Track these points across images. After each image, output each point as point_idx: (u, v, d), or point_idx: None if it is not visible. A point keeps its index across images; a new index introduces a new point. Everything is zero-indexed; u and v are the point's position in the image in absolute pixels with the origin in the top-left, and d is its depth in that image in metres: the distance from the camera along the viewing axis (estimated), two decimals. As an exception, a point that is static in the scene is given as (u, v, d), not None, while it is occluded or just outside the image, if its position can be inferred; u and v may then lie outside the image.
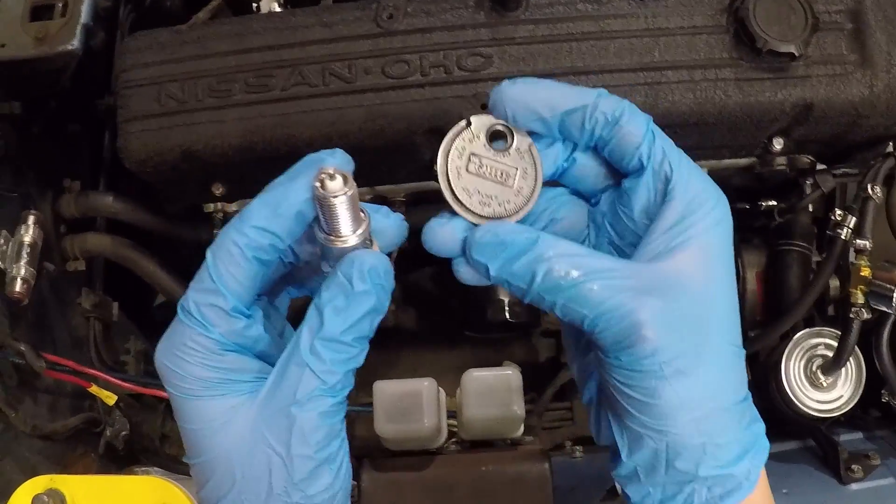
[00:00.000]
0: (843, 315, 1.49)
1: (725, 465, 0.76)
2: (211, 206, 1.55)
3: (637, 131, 0.79)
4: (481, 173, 0.80)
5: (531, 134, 0.81)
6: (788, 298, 1.57)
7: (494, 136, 0.81)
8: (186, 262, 1.73)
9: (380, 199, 1.56)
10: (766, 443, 0.80)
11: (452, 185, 0.79)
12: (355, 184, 0.75)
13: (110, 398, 1.51)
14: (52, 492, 1.26)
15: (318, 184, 0.74)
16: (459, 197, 0.79)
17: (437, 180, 0.80)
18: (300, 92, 1.37)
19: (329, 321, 0.75)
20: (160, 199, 1.58)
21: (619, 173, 0.83)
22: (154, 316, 1.92)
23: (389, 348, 1.68)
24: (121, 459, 1.64)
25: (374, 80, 1.36)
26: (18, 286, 1.44)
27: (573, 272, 0.74)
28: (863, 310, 1.42)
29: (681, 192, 0.77)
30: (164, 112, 1.40)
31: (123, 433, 1.60)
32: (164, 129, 1.39)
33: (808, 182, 1.53)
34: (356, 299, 0.76)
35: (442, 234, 0.80)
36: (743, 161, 1.52)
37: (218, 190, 1.49)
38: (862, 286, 1.42)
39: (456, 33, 1.37)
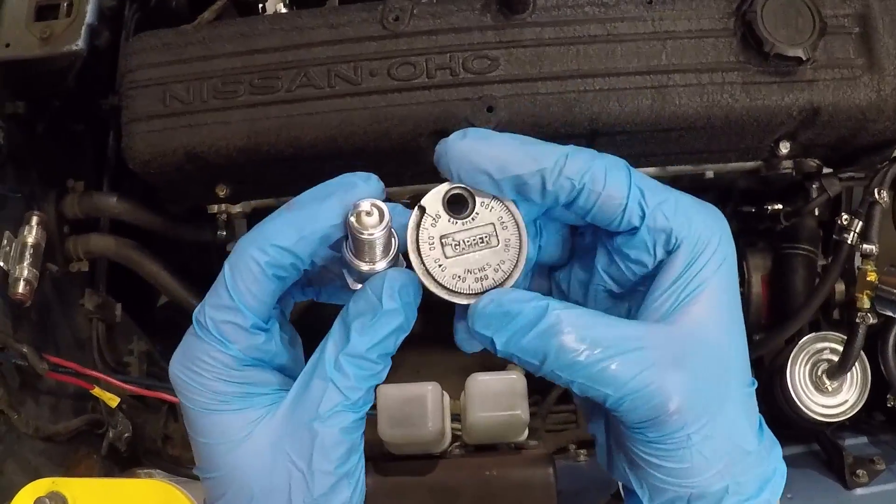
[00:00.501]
0: (848, 319, 1.48)
1: (747, 498, 0.74)
2: (215, 208, 1.55)
3: (618, 192, 0.73)
4: (461, 251, 0.74)
5: None
6: (794, 302, 1.57)
7: (453, 205, 0.75)
8: (189, 263, 1.73)
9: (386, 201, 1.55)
10: (783, 467, 0.78)
11: (440, 280, 0.74)
12: (390, 216, 0.73)
13: (113, 400, 1.51)
14: (53, 495, 1.26)
15: (353, 219, 0.72)
16: (454, 288, 0.74)
17: (422, 283, 0.75)
18: (306, 94, 1.36)
19: (356, 338, 0.74)
20: (163, 200, 1.58)
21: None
22: (157, 317, 1.91)
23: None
24: (123, 461, 1.63)
25: (380, 82, 1.36)
26: (21, 287, 1.43)
27: (590, 350, 0.69)
28: (869, 314, 1.42)
29: (685, 239, 0.73)
30: (169, 113, 1.39)
31: (126, 435, 1.59)
32: (168, 129, 1.39)
33: (814, 186, 1.52)
34: (384, 317, 0.74)
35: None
36: (749, 164, 1.52)
37: (222, 191, 1.48)
38: (868, 291, 1.42)
39: (462, 36, 1.36)
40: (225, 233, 1.58)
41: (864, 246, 1.42)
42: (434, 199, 0.75)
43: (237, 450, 0.76)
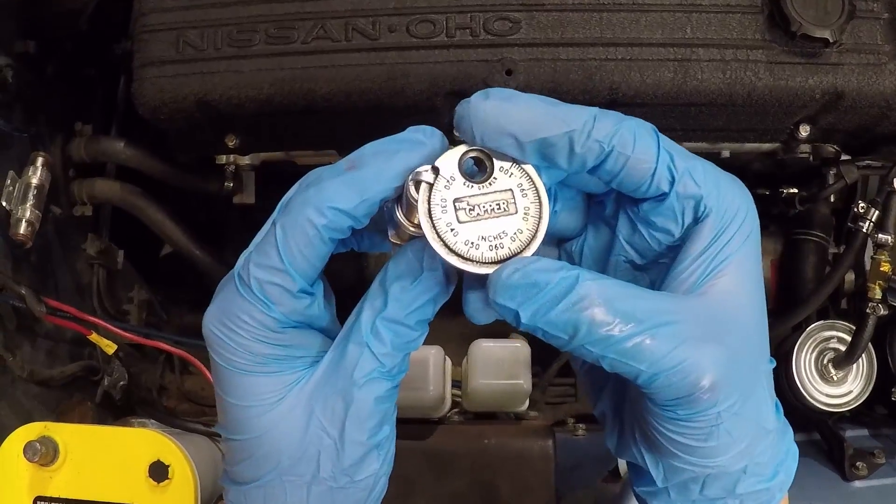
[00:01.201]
0: (858, 309, 1.47)
1: (763, 480, 0.72)
2: (223, 158, 1.54)
3: (647, 155, 0.69)
4: (476, 216, 0.70)
5: None
6: (803, 289, 1.56)
7: (471, 167, 0.72)
8: (195, 213, 1.72)
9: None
10: (795, 449, 0.76)
11: (452, 246, 0.69)
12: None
13: (110, 347, 1.49)
14: (44, 439, 1.25)
15: (411, 185, 0.69)
16: (466, 255, 0.69)
17: (433, 247, 0.70)
18: (322, 46, 1.34)
19: (394, 302, 0.71)
20: (172, 148, 1.56)
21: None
22: (160, 267, 1.90)
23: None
24: (117, 409, 1.62)
25: (398, 38, 1.33)
26: (23, 228, 1.41)
27: (624, 323, 0.65)
28: (880, 305, 1.40)
29: (714, 208, 0.70)
30: (182, 59, 1.37)
31: (121, 383, 1.58)
32: (180, 76, 1.37)
33: (831, 172, 1.51)
34: (424, 282, 0.71)
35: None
36: (766, 146, 1.50)
37: (231, 141, 1.46)
38: (881, 281, 1.40)
39: (485, -5, 1.34)
40: (232, 184, 1.56)
41: (880, 236, 1.40)
42: (450, 160, 0.70)
43: (268, 414, 0.73)
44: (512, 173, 0.71)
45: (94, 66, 1.70)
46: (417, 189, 0.69)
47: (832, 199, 1.59)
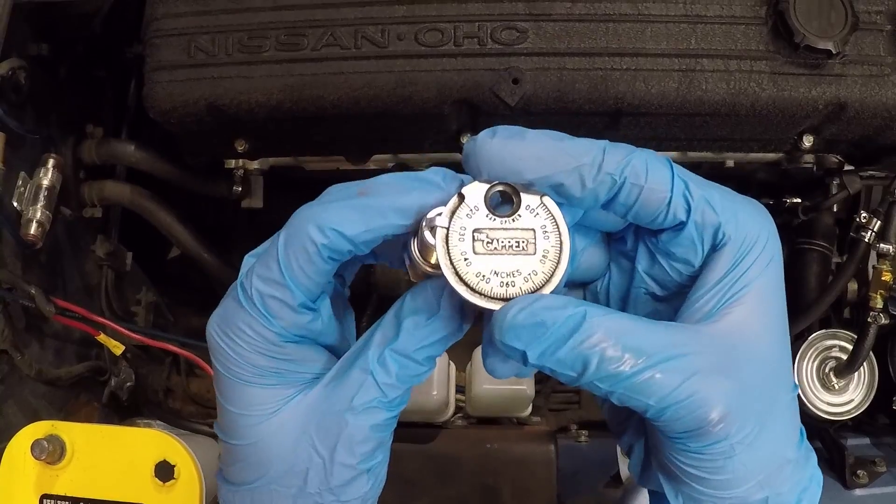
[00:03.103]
0: (859, 319, 1.47)
1: None
2: (232, 163, 1.55)
3: (661, 185, 0.67)
4: (493, 249, 0.68)
5: None
6: (806, 298, 1.57)
7: (497, 200, 0.69)
8: (203, 216, 1.73)
9: (402, 167, 1.55)
10: (819, 475, 0.74)
11: (463, 275, 0.67)
12: None
13: (118, 348, 1.50)
14: (52, 438, 1.26)
15: (427, 230, 0.68)
16: (475, 287, 0.67)
17: (443, 271, 0.68)
18: (331, 53, 1.35)
19: (406, 336, 0.71)
20: (181, 152, 1.57)
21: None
22: (167, 270, 1.91)
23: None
24: (123, 410, 1.64)
25: (407, 46, 1.35)
26: (33, 229, 1.43)
27: (633, 359, 0.64)
28: (881, 315, 1.41)
29: (732, 235, 0.68)
30: (193, 63, 1.38)
31: (128, 384, 1.59)
32: (191, 80, 1.38)
33: (834, 182, 1.52)
34: (439, 321, 0.71)
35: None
36: (770, 156, 1.51)
37: (241, 146, 1.48)
38: (882, 291, 1.41)
39: (492, 5, 1.35)
40: (241, 188, 1.58)
41: (882, 245, 1.41)
42: (476, 190, 0.69)
43: (262, 424, 0.74)
44: (538, 213, 0.69)
45: (106, 68, 1.71)
46: (432, 233, 0.68)
47: (835, 209, 1.60)
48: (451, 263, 0.68)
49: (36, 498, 1.26)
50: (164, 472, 1.25)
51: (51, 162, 1.48)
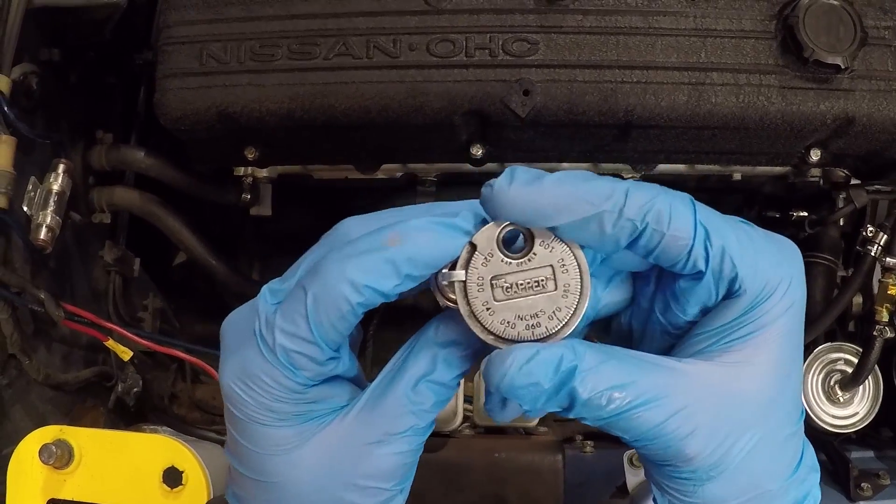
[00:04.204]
0: (865, 332, 1.48)
1: None
2: (241, 170, 1.56)
3: (683, 232, 0.66)
4: (514, 294, 0.68)
5: None
6: (811, 311, 1.56)
7: (509, 240, 0.69)
8: (211, 223, 1.73)
9: (411, 177, 1.56)
10: (817, 493, 0.74)
11: (488, 326, 0.67)
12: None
13: (126, 353, 1.51)
14: (60, 442, 1.26)
15: (446, 287, 0.69)
16: (503, 335, 0.67)
17: (468, 325, 0.68)
18: (343, 63, 1.36)
19: (443, 366, 0.71)
20: (191, 159, 1.58)
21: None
22: (172, 276, 1.91)
23: (408, 327, 1.68)
24: (129, 416, 1.64)
25: (418, 56, 1.35)
26: (43, 234, 1.43)
27: (618, 401, 0.65)
28: (887, 328, 1.41)
29: (750, 286, 0.68)
30: (204, 71, 1.39)
31: (135, 390, 1.59)
32: (202, 87, 1.39)
33: (841, 196, 1.52)
34: (474, 349, 0.71)
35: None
36: (777, 169, 1.52)
37: (251, 154, 1.48)
38: (888, 304, 1.42)
39: (504, 17, 1.36)
40: (249, 196, 1.58)
41: (888, 259, 1.42)
42: (487, 236, 0.68)
43: (286, 460, 0.72)
44: (553, 248, 0.68)
45: (116, 74, 1.72)
46: (450, 286, 0.68)
47: (841, 223, 1.60)
48: (475, 315, 0.68)
49: (43, 502, 1.27)
50: (173, 478, 1.25)
51: (61, 167, 1.48)
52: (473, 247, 0.68)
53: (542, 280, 0.68)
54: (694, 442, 0.67)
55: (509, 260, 0.68)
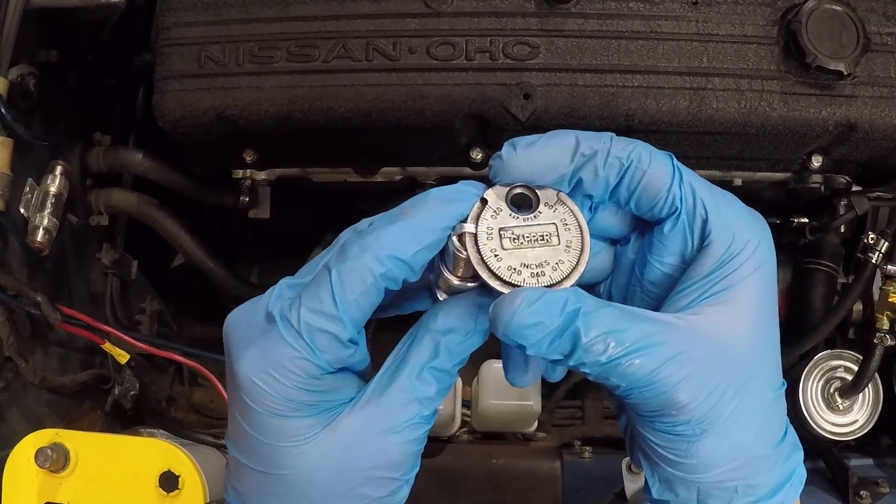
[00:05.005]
0: (865, 339, 1.48)
1: (759, 499, 0.73)
2: (240, 173, 1.55)
3: (663, 172, 0.73)
4: (520, 244, 0.72)
5: None
6: (812, 318, 1.57)
7: (517, 202, 0.74)
8: (209, 226, 1.73)
9: (411, 180, 1.55)
10: (802, 472, 0.77)
11: (496, 270, 0.71)
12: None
13: (123, 356, 1.50)
14: (56, 446, 1.25)
15: (456, 239, 0.72)
16: (509, 279, 0.71)
17: (476, 274, 0.72)
18: (342, 65, 1.36)
19: (446, 354, 0.73)
20: (189, 161, 1.57)
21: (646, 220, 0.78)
22: (169, 278, 1.91)
23: (406, 329, 1.68)
24: (126, 419, 1.63)
25: (418, 59, 1.35)
26: (40, 236, 1.42)
27: (614, 348, 0.68)
28: (887, 336, 1.41)
29: (719, 234, 0.72)
30: (203, 73, 1.39)
31: (132, 393, 1.58)
32: (201, 90, 1.38)
33: (842, 202, 1.52)
34: (476, 335, 0.74)
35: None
36: (778, 175, 1.52)
37: (249, 156, 1.48)
38: (889, 312, 1.41)
39: (504, 20, 1.35)
40: (248, 199, 1.58)
41: (889, 267, 1.42)
42: (497, 194, 0.74)
43: (298, 453, 0.73)
44: (556, 209, 0.74)
45: (114, 76, 1.71)
46: (461, 242, 0.71)
47: (842, 230, 1.60)
48: (483, 261, 0.71)
49: (39, 506, 1.26)
50: (169, 482, 1.24)
51: (58, 169, 1.47)
52: (484, 202, 0.73)
53: (547, 235, 0.73)
54: (686, 387, 0.69)
55: (517, 215, 0.74)
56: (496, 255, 0.72)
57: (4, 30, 1.36)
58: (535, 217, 0.74)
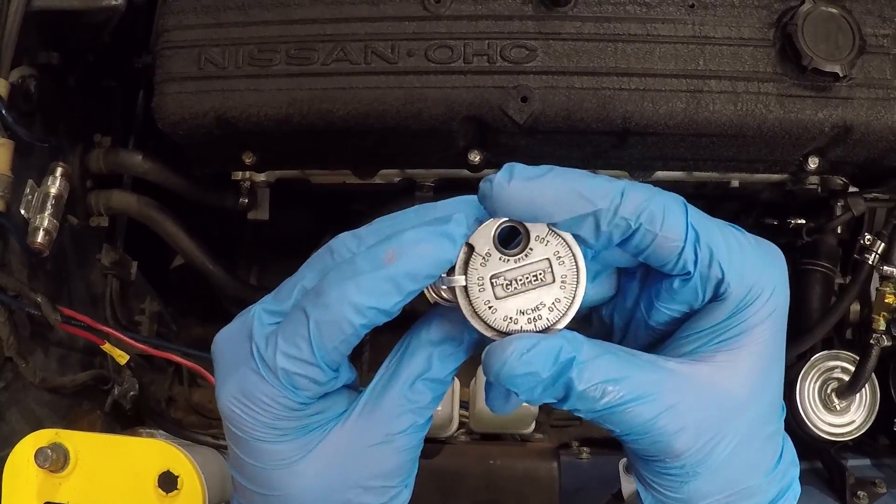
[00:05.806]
0: (862, 340, 1.48)
1: None
2: (239, 175, 1.56)
3: (675, 234, 0.68)
4: (514, 290, 0.69)
5: None
6: (808, 319, 1.57)
7: (504, 239, 0.70)
8: (208, 227, 1.73)
9: (409, 182, 1.55)
10: (797, 487, 0.76)
11: (491, 323, 0.69)
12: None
13: (122, 357, 1.50)
14: (55, 446, 1.26)
15: (445, 292, 0.70)
16: (506, 330, 0.69)
17: (471, 324, 0.69)
18: (341, 68, 1.36)
19: (438, 363, 0.72)
20: (189, 163, 1.58)
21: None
22: (169, 279, 1.91)
23: (405, 329, 1.68)
24: (125, 419, 1.63)
25: (417, 62, 1.35)
26: (40, 237, 1.43)
27: (608, 396, 0.67)
28: (884, 336, 1.41)
29: (735, 290, 0.69)
30: (203, 76, 1.39)
31: (132, 393, 1.59)
32: (200, 92, 1.39)
33: (838, 204, 1.52)
34: (467, 345, 0.73)
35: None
36: (775, 177, 1.52)
37: (248, 158, 1.48)
38: (885, 313, 1.41)
39: (502, 23, 1.36)
40: (247, 200, 1.58)
41: (885, 268, 1.42)
42: (483, 235, 0.69)
43: (290, 473, 0.73)
44: (548, 241, 0.70)
45: (114, 78, 1.72)
46: (453, 295, 0.70)
47: (839, 231, 1.60)
48: (477, 314, 0.69)
49: (38, 506, 1.27)
50: (168, 482, 1.25)
51: (59, 170, 1.47)
52: (471, 248, 0.70)
53: (540, 273, 0.69)
54: (683, 438, 0.69)
55: (507, 257, 0.70)
56: (490, 307, 0.69)
57: (6, 32, 1.36)
58: (526, 256, 0.70)
